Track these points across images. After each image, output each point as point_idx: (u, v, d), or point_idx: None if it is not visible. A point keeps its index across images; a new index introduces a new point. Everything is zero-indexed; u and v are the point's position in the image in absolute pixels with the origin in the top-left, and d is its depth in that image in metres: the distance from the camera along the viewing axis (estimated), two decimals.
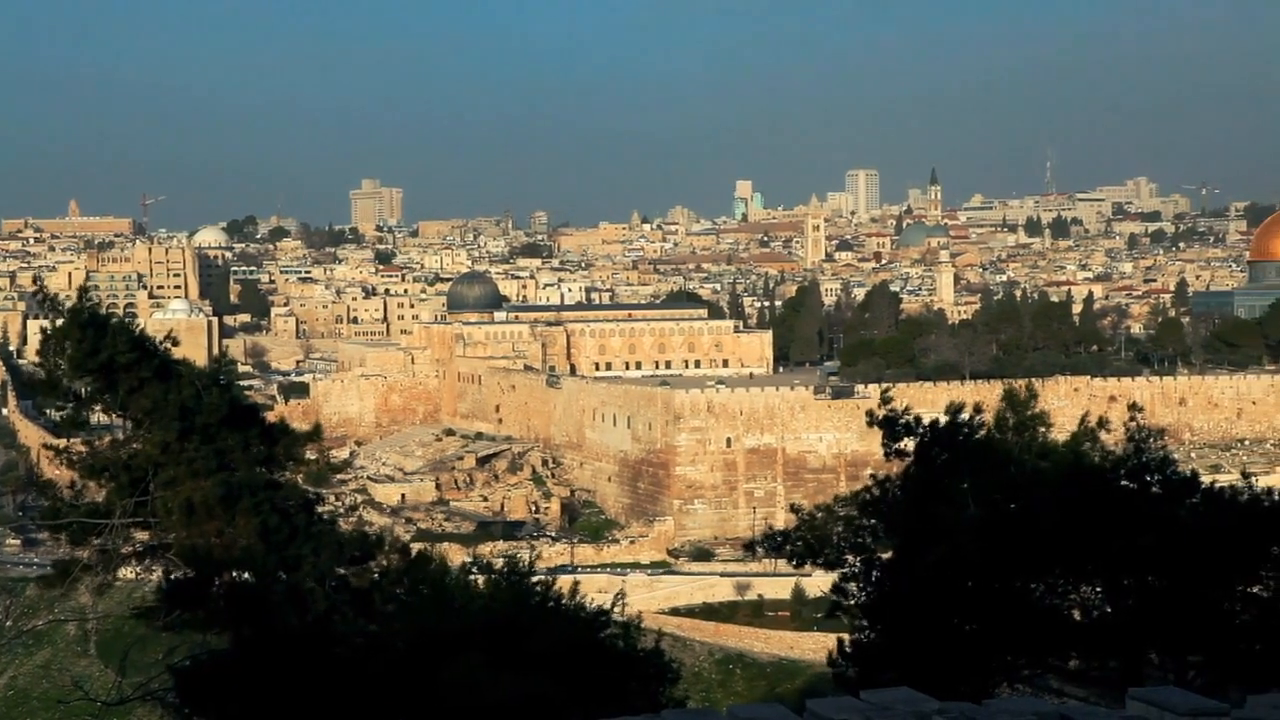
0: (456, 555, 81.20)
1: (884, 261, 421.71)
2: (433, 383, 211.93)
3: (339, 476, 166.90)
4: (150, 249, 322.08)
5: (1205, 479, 32.32)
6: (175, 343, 27.22)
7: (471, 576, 29.00)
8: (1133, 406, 35.05)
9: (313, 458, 28.91)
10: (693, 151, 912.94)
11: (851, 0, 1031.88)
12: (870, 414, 33.43)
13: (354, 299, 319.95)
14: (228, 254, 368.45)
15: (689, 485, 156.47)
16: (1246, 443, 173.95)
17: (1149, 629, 28.20)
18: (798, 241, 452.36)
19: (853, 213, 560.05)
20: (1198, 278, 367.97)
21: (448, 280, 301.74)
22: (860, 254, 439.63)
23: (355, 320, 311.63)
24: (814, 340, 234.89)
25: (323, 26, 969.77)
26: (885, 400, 33.19)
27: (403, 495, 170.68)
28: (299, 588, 25.07)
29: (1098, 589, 29.57)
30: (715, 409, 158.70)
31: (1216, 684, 26.30)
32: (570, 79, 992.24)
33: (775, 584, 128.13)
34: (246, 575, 24.92)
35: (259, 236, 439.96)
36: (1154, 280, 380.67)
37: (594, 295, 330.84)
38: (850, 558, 31.59)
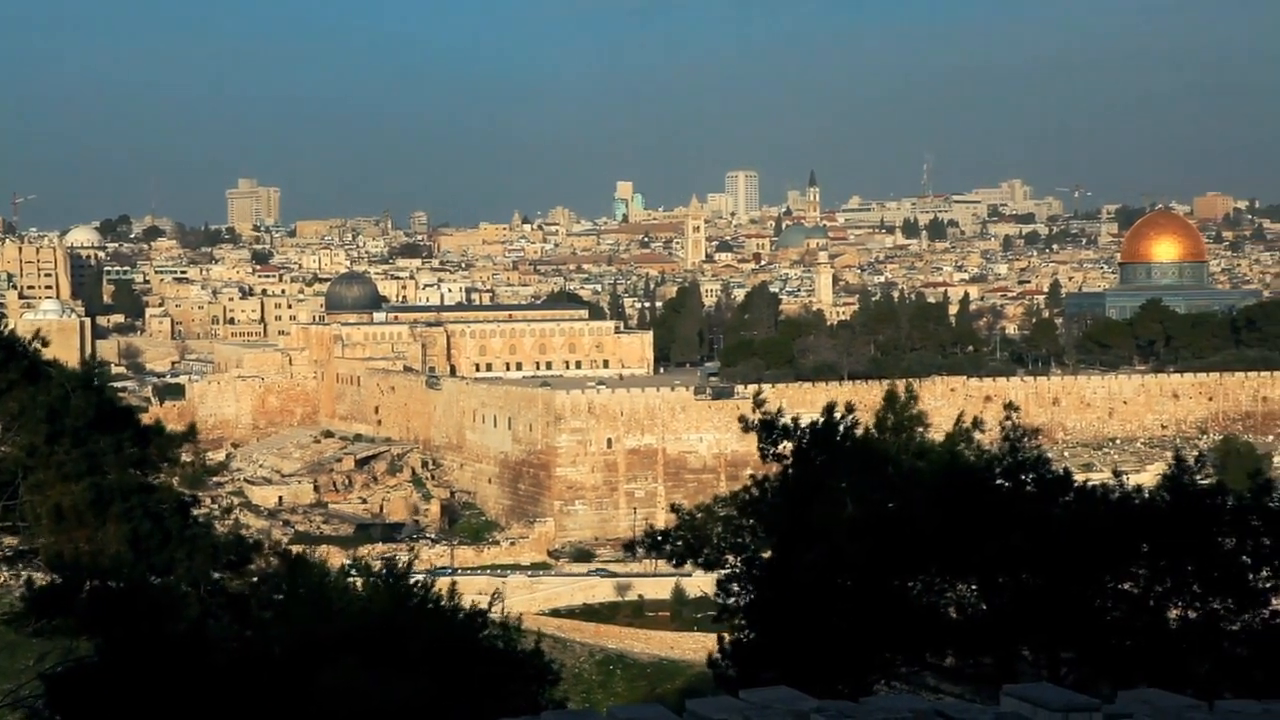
0: (335, 558, 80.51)
1: (763, 263, 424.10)
2: (311, 384, 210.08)
3: (215, 479, 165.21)
4: (20, 248, 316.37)
5: (1078, 478, 32.79)
6: (45, 343, 26.75)
7: (350, 579, 28.75)
8: (1008, 406, 35.40)
9: (188, 460, 28.52)
10: (573, 152, 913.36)
11: (731, 3, 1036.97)
12: (744, 419, 33.53)
13: (230, 299, 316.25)
14: (101, 254, 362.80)
15: (570, 486, 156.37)
16: (1118, 442, 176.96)
17: (1023, 626, 28.55)
18: (678, 242, 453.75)
19: (732, 214, 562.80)
20: (1070, 279, 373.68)
21: (326, 281, 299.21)
22: (740, 255, 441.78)
23: (232, 321, 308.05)
24: (694, 341, 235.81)
25: (198, 22, 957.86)
26: (758, 404, 33.28)
27: (280, 498, 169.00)
28: (172, 593, 24.71)
29: (973, 587, 29.89)
30: (596, 410, 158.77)
31: (1088, 680, 26.67)
32: (450, 78, 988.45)
33: (655, 584, 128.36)
34: (117, 581, 24.51)
35: (133, 236, 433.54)
36: (1028, 281, 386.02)
37: (474, 296, 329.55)
38: (730, 558, 31.69)
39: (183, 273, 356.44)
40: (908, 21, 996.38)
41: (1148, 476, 75.79)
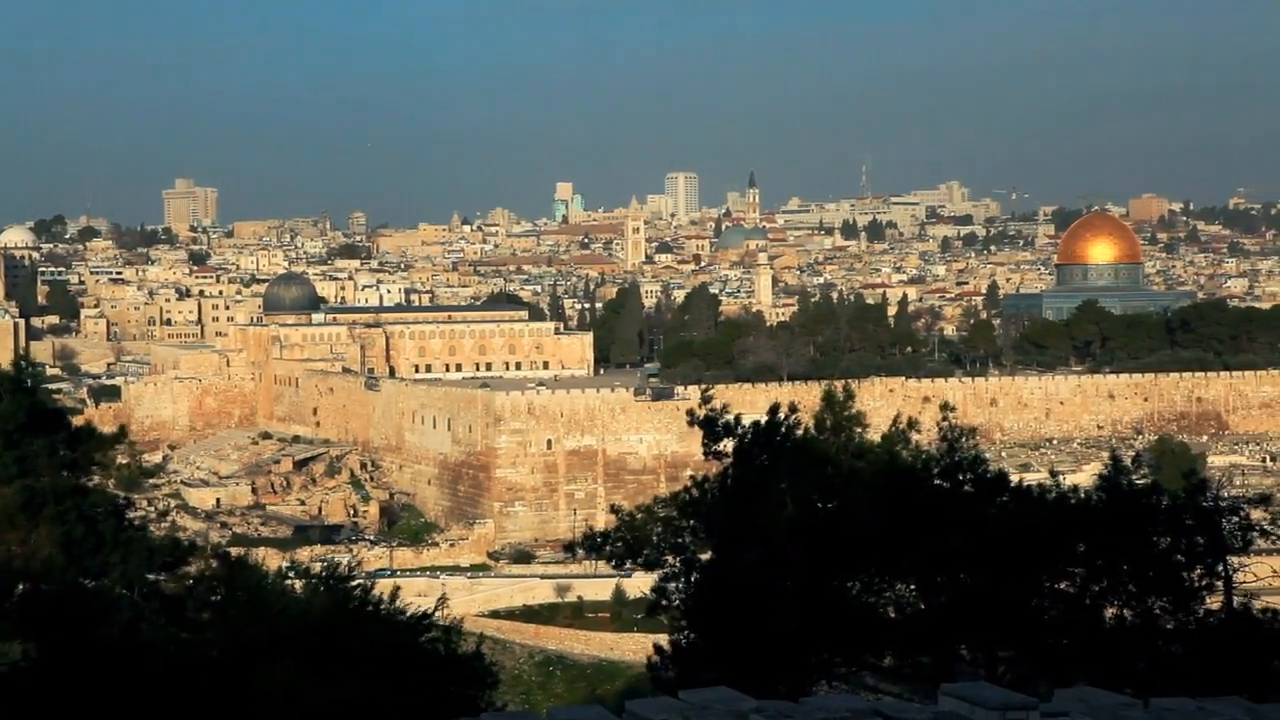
0: (273, 560, 79.98)
1: (703, 264, 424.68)
2: (249, 385, 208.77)
3: (151, 481, 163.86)
4: None
5: (1015, 478, 33.04)
6: None
7: (288, 581, 28.58)
8: (944, 407, 35.61)
9: (123, 463, 28.30)
10: (513, 153, 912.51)
11: (671, 4, 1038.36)
12: (691, 414, 33.61)
13: (167, 300, 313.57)
14: (35, 254, 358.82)
15: (509, 487, 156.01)
16: (1054, 442, 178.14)
17: (961, 625, 28.70)
18: (618, 244, 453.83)
19: (672, 215, 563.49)
20: (1008, 280, 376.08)
21: (264, 282, 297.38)
22: (680, 256, 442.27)
23: (169, 322, 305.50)
24: (634, 342, 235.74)
25: (133, 21, 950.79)
26: (705, 400, 33.38)
27: (217, 500, 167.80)
28: (107, 596, 24.49)
29: (912, 587, 30.04)
30: (536, 411, 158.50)
31: (1026, 678, 26.84)
32: (390, 78, 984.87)
33: (595, 585, 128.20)
34: (49, 584, 24.27)
35: (68, 236, 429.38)
36: (966, 283, 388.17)
37: (413, 297, 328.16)
38: (670, 558, 31.72)
39: (118, 274, 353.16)
40: (847, 24, 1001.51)
41: (1084, 477, 76.33)
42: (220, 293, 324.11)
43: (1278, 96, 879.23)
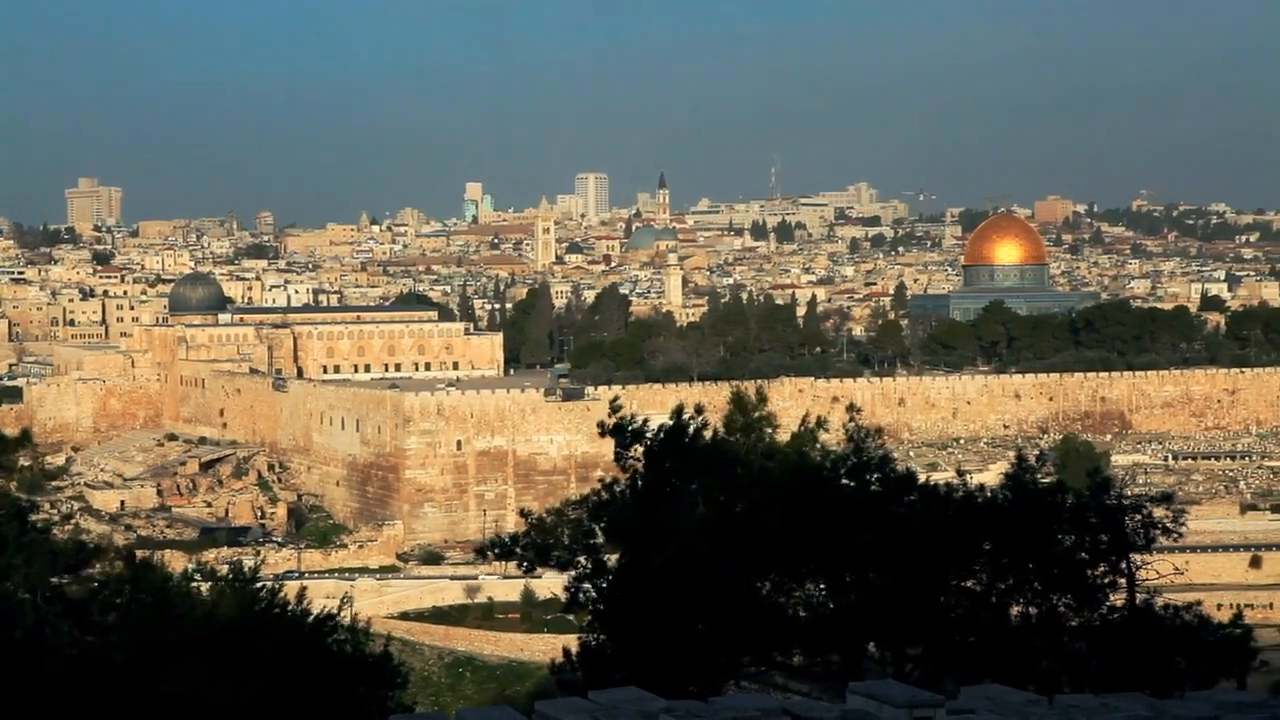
0: (179, 563, 79.21)
1: (613, 264, 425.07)
2: (154, 387, 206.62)
3: (54, 483, 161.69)
4: None
5: (922, 477, 33.27)
6: None
7: (194, 584, 28.33)
8: (850, 408, 35.86)
9: (25, 465, 27.94)
10: (422, 153, 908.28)
11: (583, 3, 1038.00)
12: (601, 424, 33.60)
13: (70, 301, 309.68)
14: None
15: (419, 489, 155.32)
16: (962, 441, 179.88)
17: (869, 624, 28.89)
18: (528, 244, 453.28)
19: (582, 216, 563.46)
20: (916, 281, 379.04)
21: (169, 282, 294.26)
22: (590, 257, 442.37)
23: (72, 323, 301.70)
24: (544, 342, 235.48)
25: (35, 17, 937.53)
26: (615, 409, 33.36)
27: (122, 502, 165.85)
28: (8, 599, 24.16)
29: (821, 586, 30.18)
30: (445, 412, 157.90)
31: (933, 676, 27.06)
32: (296, 77, 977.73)
33: (505, 586, 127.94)
34: None
35: None
36: (874, 283, 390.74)
37: (322, 297, 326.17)
38: (581, 560, 31.71)
39: (20, 273, 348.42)
40: (756, 26, 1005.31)
41: (990, 475, 77.10)
42: (125, 293, 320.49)
43: (1178, 101, 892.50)
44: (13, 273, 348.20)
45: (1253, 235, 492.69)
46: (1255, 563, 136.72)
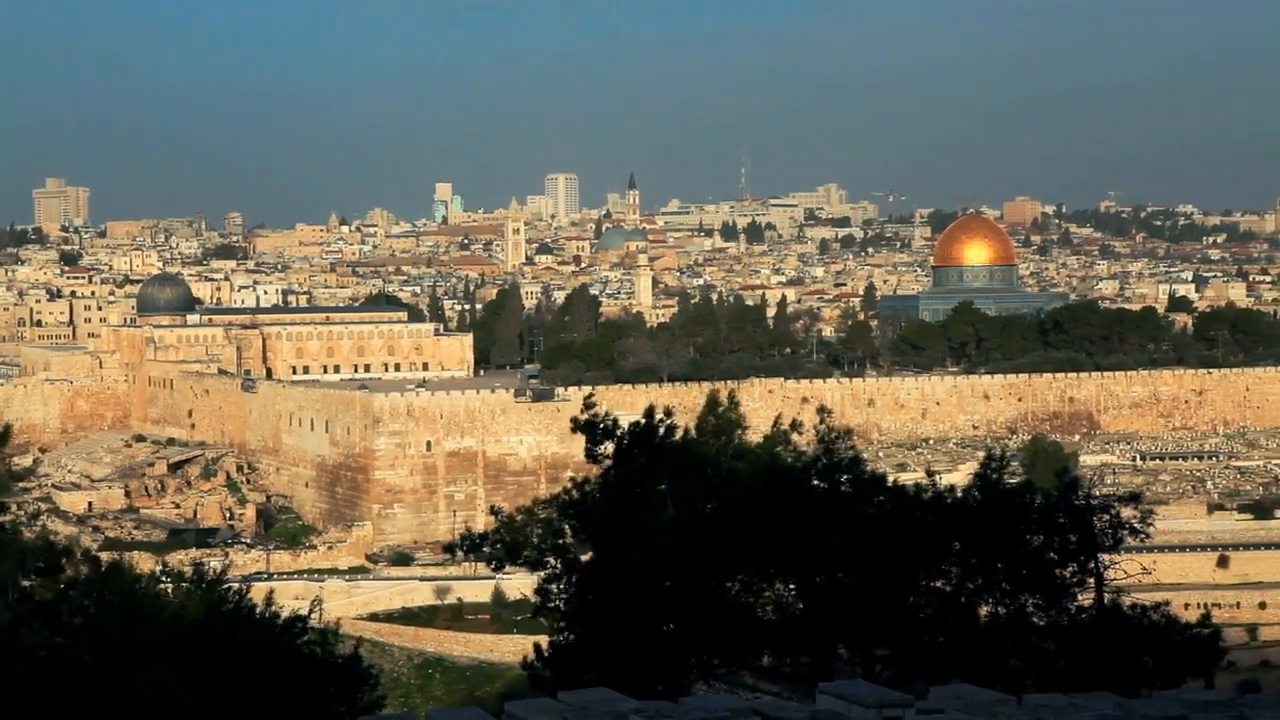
0: (147, 564, 78.88)
1: (583, 265, 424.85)
2: (122, 388, 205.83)
3: (21, 485, 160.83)
4: None
5: (892, 478, 33.38)
6: None
7: (162, 585, 28.24)
8: (821, 409, 35.91)
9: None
10: (392, 153, 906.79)
11: (551, 4, 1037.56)
12: (574, 420, 33.60)
13: (38, 301, 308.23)
14: None
15: (388, 489, 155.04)
16: (931, 442, 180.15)
17: (838, 624, 28.94)
18: (498, 245, 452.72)
19: (552, 216, 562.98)
20: (885, 282, 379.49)
21: (138, 282, 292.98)
22: (560, 257, 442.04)
23: (39, 323, 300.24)
24: (514, 343, 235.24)
25: (2, 17, 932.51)
26: (588, 405, 33.37)
27: (90, 503, 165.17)
28: None
29: (790, 587, 30.24)
30: (415, 412, 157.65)
31: (902, 676, 27.13)
32: (266, 77, 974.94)
33: (475, 587, 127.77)
34: None
35: None
36: (844, 284, 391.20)
37: (291, 298, 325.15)
38: (551, 559, 31.71)
39: None
40: (726, 27, 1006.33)
41: (960, 476, 77.34)
42: (93, 293, 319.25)
43: (1147, 102, 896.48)
44: None
45: (1220, 236, 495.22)
46: (1222, 562, 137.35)
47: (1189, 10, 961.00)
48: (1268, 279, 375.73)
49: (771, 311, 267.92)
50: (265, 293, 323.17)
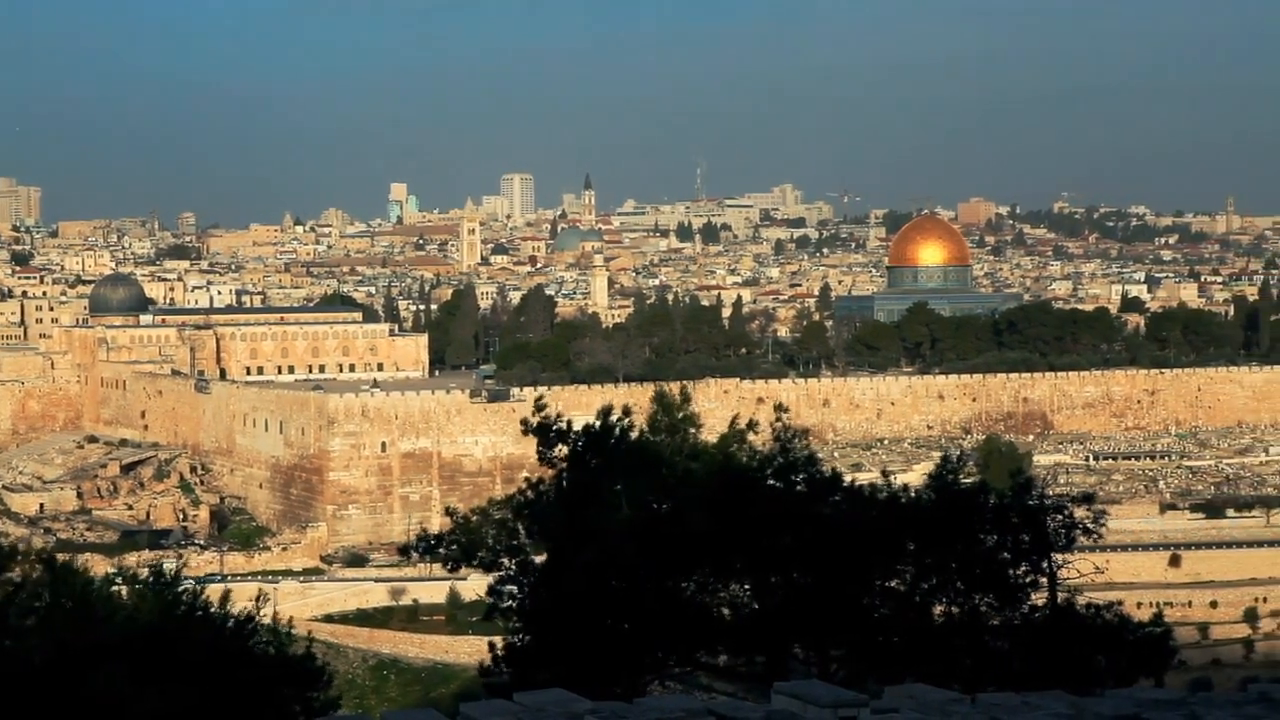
0: (100, 566, 78.46)
1: (539, 265, 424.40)
2: (74, 388, 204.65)
3: None
4: None
5: (847, 478, 33.44)
6: None
7: (115, 587, 28.07)
8: (778, 408, 35.92)
9: None
10: (346, 153, 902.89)
11: (507, 5, 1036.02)
12: (525, 422, 33.52)
13: None
14: None
15: (343, 490, 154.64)
16: (886, 442, 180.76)
17: (794, 624, 28.99)
18: (453, 245, 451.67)
19: (508, 216, 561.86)
20: (840, 282, 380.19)
21: (90, 283, 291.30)
22: (515, 258, 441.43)
23: None
24: (470, 344, 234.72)
25: None
26: (539, 408, 33.30)
27: (41, 505, 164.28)
28: None
29: (745, 586, 30.27)
30: (370, 413, 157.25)
31: (857, 676, 27.20)
32: (217, 75, 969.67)
33: (430, 588, 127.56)
34: None
35: None
36: (799, 285, 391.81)
37: (245, 298, 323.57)
38: (505, 560, 31.65)
39: None
40: (681, 27, 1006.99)
41: (914, 476, 77.61)
42: (44, 294, 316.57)
43: (1098, 103, 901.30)
44: None
45: (1172, 237, 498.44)
46: (1174, 561, 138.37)
47: (1141, 14, 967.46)
48: (1219, 280, 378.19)
49: (727, 312, 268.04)
50: (219, 293, 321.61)
